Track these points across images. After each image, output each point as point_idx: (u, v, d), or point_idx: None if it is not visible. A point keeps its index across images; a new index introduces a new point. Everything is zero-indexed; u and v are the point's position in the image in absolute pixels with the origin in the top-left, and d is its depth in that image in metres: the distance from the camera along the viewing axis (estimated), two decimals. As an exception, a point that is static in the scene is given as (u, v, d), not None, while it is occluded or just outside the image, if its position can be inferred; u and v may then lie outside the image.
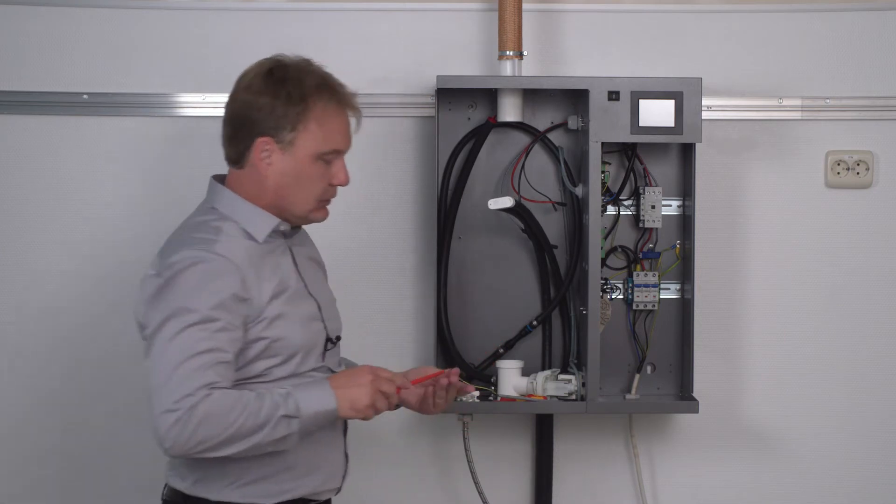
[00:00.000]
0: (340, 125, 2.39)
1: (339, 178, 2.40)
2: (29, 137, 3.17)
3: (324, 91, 2.36)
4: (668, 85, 3.00)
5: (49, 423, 3.20)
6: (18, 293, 3.19)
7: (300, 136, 2.34)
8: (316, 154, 2.35)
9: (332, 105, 2.37)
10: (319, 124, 2.35)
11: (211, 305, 2.23)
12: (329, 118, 2.36)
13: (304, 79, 2.35)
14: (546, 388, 3.06)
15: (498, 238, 3.18)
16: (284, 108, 2.33)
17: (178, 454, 2.21)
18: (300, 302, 2.40)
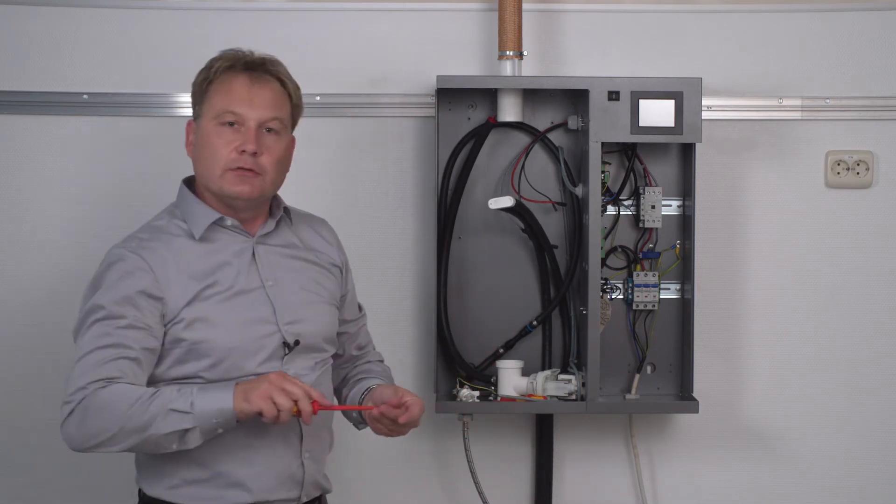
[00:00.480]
0: (239, 88, 2.38)
1: (243, 144, 2.36)
2: (29, 137, 3.16)
3: (227, 59, 2.41)
4: (668, 85, 3.00)
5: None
6: (18, 293, 3.19)
7: (204, 106, 2.40)
8: (214, 117, 2.38)
9: (231, 70, 2.40)
10: (217, 90, 2.39)
11: (116, 301, 2.28)
12: (227, 82, 2.39)
13: (220, 57, 2.42)
14: (546, 388, 3.06)
15: (498, 238, 3.18)
16: (198, 87, 2.42)
17: (75, 448, 2.26)
18: (242, 304, 2.36)
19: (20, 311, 3.19)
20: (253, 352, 2.36)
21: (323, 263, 2.54)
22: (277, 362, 2.38)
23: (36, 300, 3.19)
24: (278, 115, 2.39)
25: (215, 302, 2.34)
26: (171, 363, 2.34)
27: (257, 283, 2.40)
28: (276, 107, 2.39)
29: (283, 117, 2.40)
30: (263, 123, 2.37)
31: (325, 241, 2.57)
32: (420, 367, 3.22)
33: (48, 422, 3.19)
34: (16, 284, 3.19)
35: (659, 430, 3.26)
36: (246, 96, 2.38)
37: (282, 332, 2.39)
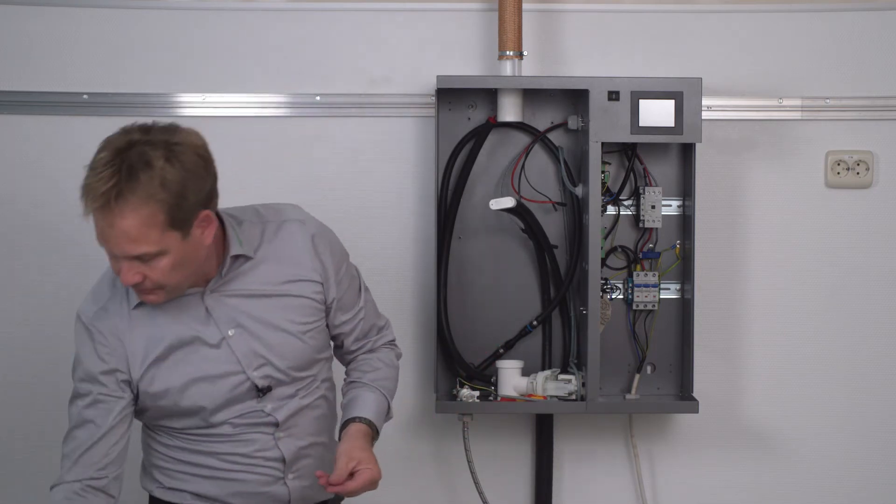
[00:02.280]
0: (99, 224, 2.18)
1: (122, 277, 2.25)
2: (29, 137, 3.17)
3: (84, 190, 2.18)
4: (668, 85, 3.00)
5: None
6: (18, 292, 3.19)
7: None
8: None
9: (86, 204, 2.18)
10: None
11: (81, 377, 2.35)
12: (89, 213, 2.20)
13: (85, 181, 2.20)
14: (546, 388, 3.06)
15: (498, 238, 3.18)
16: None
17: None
18: (203, 362, 2.34)
19: (19, 311, 3.19)
20: (225, 404, 2.37)
21: (293, 292, 2.41)
22: (253, 402, 2.39)
23: (36, 301, 3.19)
24: (145, 250, 2.17)
25: (174, 365, 2.33)
26: (157, 417, 2.40)
27: (217, 335, 2.35)
28: (139, 239, 2.16)
29: (152, 246, 2.17)
30: (133, 258, 2.19)
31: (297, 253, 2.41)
32: (420, 367, 3.22)
33: (48, 422, 3.21)
34: (16, 285, 3.19)
35: (659, 430, 3.26)
36: (107, 233, 2.17)
37: (251, 379, 2.37)
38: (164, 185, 2.14)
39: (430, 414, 3.16)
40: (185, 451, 2.42)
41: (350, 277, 2.53)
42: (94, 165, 2.15)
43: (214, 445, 2.40)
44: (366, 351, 2.59)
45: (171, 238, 2.18)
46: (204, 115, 3.15)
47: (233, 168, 3.18)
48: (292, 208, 2.48)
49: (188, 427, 2.39)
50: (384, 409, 2.52)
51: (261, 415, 2.40)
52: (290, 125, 3.18)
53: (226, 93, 3.17)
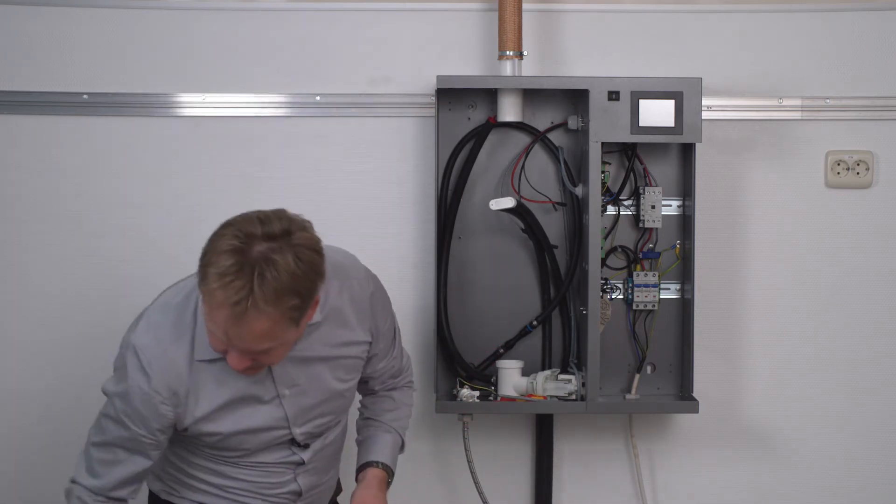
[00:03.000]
0: (223, 320, 2.16)
1: (234, 364, 2.26)
2: (29, 137, 3.16)
3: (212, 283, 2.14)
4: (668, 85, 3.00)
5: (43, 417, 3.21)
6: (17, 292, 3.19)
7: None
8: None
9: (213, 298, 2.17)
10: (205, 300, 2.20)
11: (126, 413, 2.30)
12: (209, 304, 2.18)
13: (210, 271, 2.15)
14: (546, 388, 3.06)
15: (498, 238, 3.18)
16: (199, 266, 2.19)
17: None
18: (253, 415, 2.36)
19: (20, 310, 3.19)
20: (262, 449, 2.41)
21: (347, 354, 2.43)
22: (287, 450, 2.43)
23: (35, 300, 3.19)
24: (268, 346, 2.19)
25: (227, 415, 2.34)
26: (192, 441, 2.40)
27: (272, 393, 2.36)
28: (265, 338, 2.17)
29: (276, 342, 2.19)
30: (254, 350, 2.20)
31: (356, 315, 2.41)
32: (420, 367, 3.22)
33: (48, 422, 3.21)
34: (15, 284, 3.19)
35: (659, 430, 3.26)
36: (231, 332, 2.15)
37: (293, 434, 2.42)
38: (294, 289, 2.13)
39: (430, 414, 3.15)
40: (204, 469, 2.43)
41: (393, 329, 2.56)
42: (222, 272, 2.10)
43: (237, 471, 2.43)
44: (387, 389, 2.64)
45: (292, 331, 2.20)
46: (204, 115, 3.15)
47: (233, 168, 3.21)
48: (352, 263, 2.46)
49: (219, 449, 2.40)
50: (398, 448, 2.60)
51: (288, 453, 2.44)
52: (290, 125, 3.18)
53: (226, 93, 3.17)
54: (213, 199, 3.16)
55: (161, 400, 2.28)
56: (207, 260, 2.12)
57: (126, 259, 3.16)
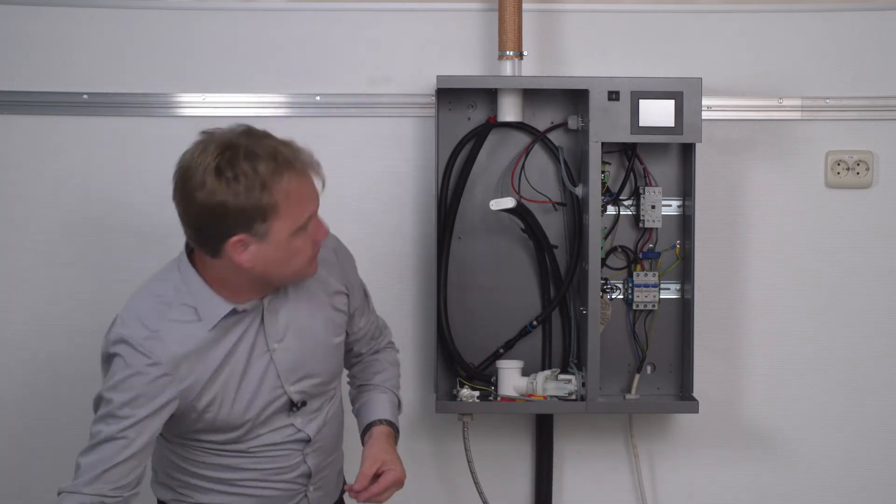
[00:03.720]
0: (306, 192, 2.29)
1: (319, 234, 2.33)
2: (29, 137, 3.17)
3: (281, 170, 2.24)
4: (668, 85, 3.00)
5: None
6: (17, 292, 3.19)
7: (273, 224, 2.24)
8: (293, 231, 2.28)
9: (294, 179, 2.26)
10: (288, 204, 2.25)
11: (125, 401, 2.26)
12: (294, 193, 2.25)
13: (257, 166, 2.21)
14: (546, 388, 3.06)
15: (498, 238, 3.18)
16: (249, 204, 2.21)
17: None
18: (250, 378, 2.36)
19: (19, 310, 3.19)
20: (263, 421, 2.39)
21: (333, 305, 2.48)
22: (283, 416, 2.41)
23: (35, 300, 3.19)
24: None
25: (226, 382, 2.34)
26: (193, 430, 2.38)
27: (263, 349, 2.37)
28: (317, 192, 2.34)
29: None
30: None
31: (324, 267, 2.46)
32: (420, 367, 3.22)
33: (49, 422, 3.21)
34: (15, 284, 3.19)
35: (659, 430, 3.27)
36: (314, 196, 2.30)
37: (287, 394, 2.41)
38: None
39: (430, 414, 3.16)
40: (211, 465, 2.42)
41: (363, 286, 2.60)
42: (282, 142, 2.27)
43: (245, 461, 2.42)
44: (371, 353, 2.65)
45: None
46: (204, 115, 3.15)
47: (233, 168, 3.19)
48: None
49: (223, 442, 2.39)
50: (396, 406, 2.62)
51: (292, 431, 2.43)
52: (290, 125, 3.16)
53: (226, 93, 3.17)
54: (213, 199, 3.16)
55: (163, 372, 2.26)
56: (252, 168, 2.20)
57: (126, 259, 3.16)
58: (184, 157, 2.25)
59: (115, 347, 2.29)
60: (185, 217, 2.25)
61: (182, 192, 2.23)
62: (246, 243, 2.24)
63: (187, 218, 2.25)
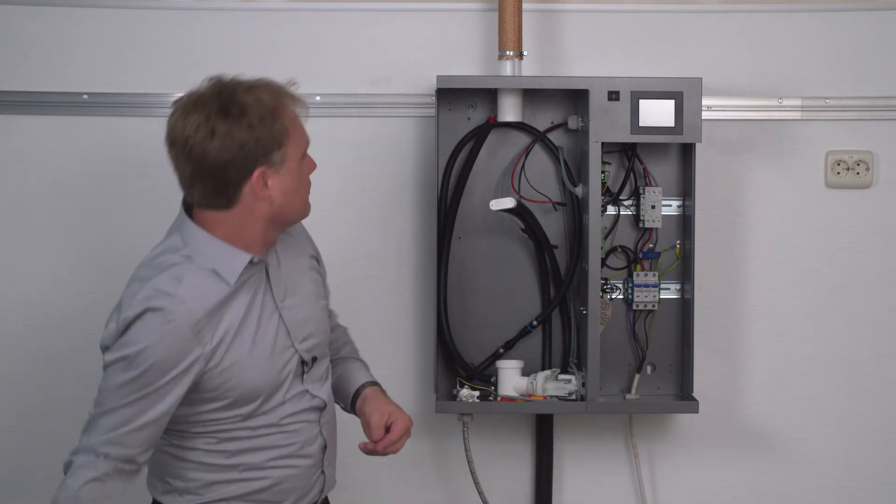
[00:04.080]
0: (301, 120, 2.36)
1: (312, 165, 2.41)
2: (29, 137, 3.17)
3: (280, 95, 2.31)
4: (668, 85, 3.00)
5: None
6: (17, 291, 3.19)
7: (287, 149, 2.29)
8: (302, 156, 2.35)
9: (291, 104, 2.32)
10: (294, 127, 2.31)
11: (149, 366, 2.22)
12: (296, 117, 2.33)
13: (260, 95, 2.27)
14: (546, 388, 3.06)
15: (498, 238, 3.18)
16: (265, 133, 2.25)
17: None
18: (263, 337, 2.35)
19: (19, 310, 3.19)
20: (278, 385, 2.37)
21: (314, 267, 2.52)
22: (298, 381, 2.40)
23: (35, 299, 3.19)
24: None
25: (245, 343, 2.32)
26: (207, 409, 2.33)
27: (272, 306, 2.37)
28: None
29: None
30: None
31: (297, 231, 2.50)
32: (420, 367, 3.22)
33: (49, 423, 3.21)
34: (15, 284, 3.19)
35: (659, 430, 3.26)
36: (301, 124, 2.36)
37: (298, 352, 2.40)
38: None
39: (430, 414, 3.15)
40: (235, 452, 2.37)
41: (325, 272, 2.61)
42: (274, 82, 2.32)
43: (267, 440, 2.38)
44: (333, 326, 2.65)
45: None
46: (204, 115, 3.15)
47: (233, 168, 3.19)
48: None
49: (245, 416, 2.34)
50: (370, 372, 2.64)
51: (308, 398, 2.41)
52: (290, 125, 3.18)
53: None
54: (213, 199, 3.16)
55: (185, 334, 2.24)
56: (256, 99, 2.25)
57: (125, 259, 3.15)
58: (174, 122, 2.26)
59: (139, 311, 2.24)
60: (197, 174, 2.26)
61: (188, 151, 2.24)
62: (266, 176, 2.28)
63: (200, 175, 2.26)
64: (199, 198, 2.30)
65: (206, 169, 2.25)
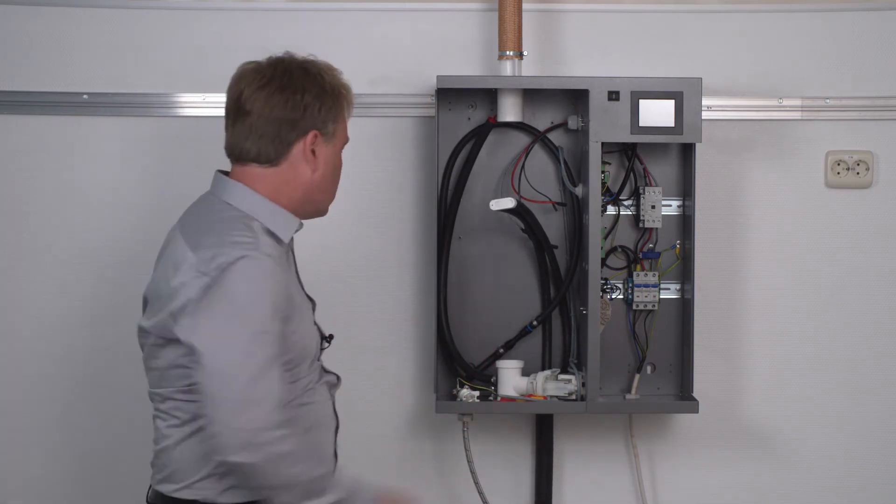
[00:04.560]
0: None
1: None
2: (29, 137, 3.17)
3: (345, 84, 2.39)
4: (668, 85, 3.00)
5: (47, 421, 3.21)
6: (17, 291, 3.19)
7: (339, 128, 2.37)
8: (343, 144, 2.40)
9: (350, 97, 2.41)
10: (346, 115, 2.39)
11: (270, 313, 2.19)
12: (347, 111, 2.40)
13: (334, 73, 2.38)
14: (546, 388, 3.06)
15: (498, 238, 3.18)
16: (330, 101, 2.34)
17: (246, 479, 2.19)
18: (304, 304, 2.37)
19: (20, 310, 3.19)
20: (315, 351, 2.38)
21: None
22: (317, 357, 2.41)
23: (36, 299, 3.19)
24: None
25: (296, 304, 2.32)
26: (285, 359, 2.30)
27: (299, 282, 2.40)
28: None
29: None
30: None
31: None
32: (420, 367, 3.22)
33: (48, 423, 3.21)
34: (15, 284, 3.19)
35: (659, 430, 3.26)
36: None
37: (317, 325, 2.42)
38: None
39: (430, 414, 3.15)
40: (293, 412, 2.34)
41: None
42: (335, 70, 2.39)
43: (312, 410, 2.35)
44: None
45: None
46: (204, 115, 3.15)
47: (233, 168, 3.19)
48: None
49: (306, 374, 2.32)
50: None
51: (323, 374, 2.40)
52: (290, 125, 3.18)
53: (226, 93, 3.16)
54: (213, 199, 3.16)
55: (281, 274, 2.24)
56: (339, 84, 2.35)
57: (125, 259, 3.16)
58: (244, 71, 2.39)
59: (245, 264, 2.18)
60: (258, 123, 2.31)
61: (254, 99, 2.31)
62: (316, 142, 2.33)
63: (261, 123, 2.31)
64: (250, 146, 2.32)
65: (268, 117, 2.31)
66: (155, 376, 2.30)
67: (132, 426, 3.13)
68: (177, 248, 2.29)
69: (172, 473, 2.29)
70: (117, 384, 3.17)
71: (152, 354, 2.29)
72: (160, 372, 2.28)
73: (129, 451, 3.13)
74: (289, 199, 2.34)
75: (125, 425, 3.16)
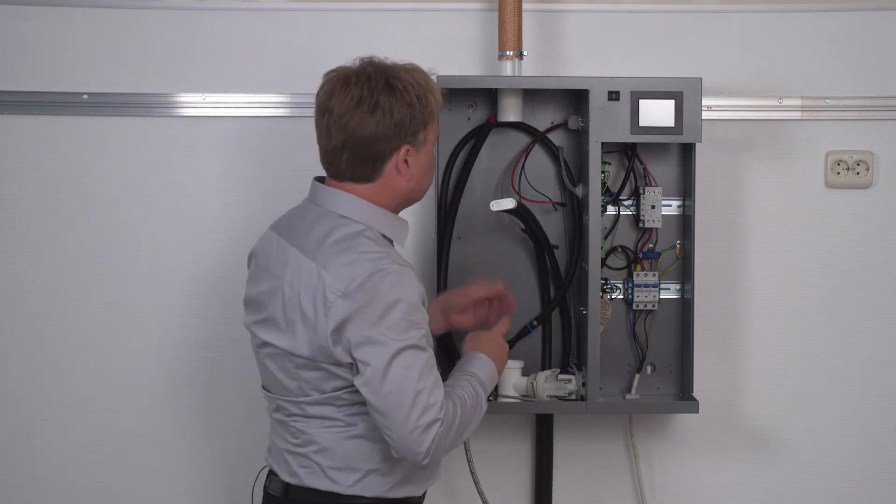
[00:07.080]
0: None
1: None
2: (29, 137, 3.16)
3: (430, 82, 2.44)
4: (668, 85, 3.00)
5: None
6: (17, 292, 3.19)
7: (429, 131, 2.44)
8: (435, 140, 2.47)
9: (437, 93, 2.45)
10: (437, 111, 2.45)
11: (423, 318, 2.35)
12: (437, 104, 2.45)
13: (416, 76, 2.42)
14: (546, 388, 3.06)
15: (498, 238, 3.18)
16: (420, 113, 2.40)
17: (430, 464, 2.36)
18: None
19: (18, 310, 3.19)
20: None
21: None
22: None
23: (34, 299, 3.19)
24: None
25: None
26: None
27: None
28: None
29: None
30: None
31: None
32: (420, 367, 3.21)
33: (49, 423, 3.21)
34: (15, 284, 3.19)
35: (659, 430, 3.27)
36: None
37: None
38: None
39: (430, 414, 3.15)
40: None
41: None
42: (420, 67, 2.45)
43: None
44: None
45: None
46: (204, 115, 3.15)
47: (233, 168, 3.20)
48: None
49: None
50: None
51: None
52: (290, 125, 3.18)
53: (226, 93, 3.17)
54: (213, 199, 3.16)
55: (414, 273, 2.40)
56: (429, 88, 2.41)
57: (125, 259, 3.16)
58: (329, 93, 2.41)
59: (388, 276, 2.32)
60: (349, 145, 2.37)
61: (345, 122, 2.36)
62: (409, 154, 2.42)
63: (352, 145, 2.37)
64: (345, 167, 2.40)
65: (359, 139, 2.36)
66: (294, 385, 2.39)
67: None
68: (301, 265, 2.35)
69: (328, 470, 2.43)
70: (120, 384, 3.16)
71: (291, 368, 2.37)
72: (303, 382, 2.38)
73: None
74: (388, 205, 2.44)
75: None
